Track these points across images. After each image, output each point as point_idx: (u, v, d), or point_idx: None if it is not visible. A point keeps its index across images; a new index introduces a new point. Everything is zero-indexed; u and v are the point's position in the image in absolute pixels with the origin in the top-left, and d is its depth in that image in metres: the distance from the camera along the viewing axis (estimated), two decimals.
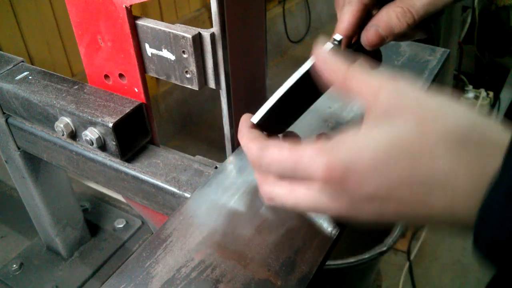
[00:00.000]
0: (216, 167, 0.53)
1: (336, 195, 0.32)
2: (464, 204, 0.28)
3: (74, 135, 0.55)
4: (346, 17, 0.41)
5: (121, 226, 0.94)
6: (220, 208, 0.45)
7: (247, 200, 0.46)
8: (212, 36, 0.45)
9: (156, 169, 0.53)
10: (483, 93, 2.06)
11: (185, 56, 0.47)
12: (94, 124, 0.52)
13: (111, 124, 0.50)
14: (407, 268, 1.64)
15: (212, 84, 0.49)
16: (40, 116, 0.57)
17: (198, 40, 0.45)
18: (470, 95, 2.07)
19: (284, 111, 0.40)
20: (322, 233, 0.42)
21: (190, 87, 0.49)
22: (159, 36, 0.47)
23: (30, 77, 0.60)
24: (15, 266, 0.86)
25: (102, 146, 0.53)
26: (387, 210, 0.31)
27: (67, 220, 0.83)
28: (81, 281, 0.84)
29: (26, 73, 0.60)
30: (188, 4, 2.13)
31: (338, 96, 0.36)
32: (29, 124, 0.61)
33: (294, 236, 0.42)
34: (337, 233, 0.42)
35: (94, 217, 0.96)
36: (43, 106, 0.56)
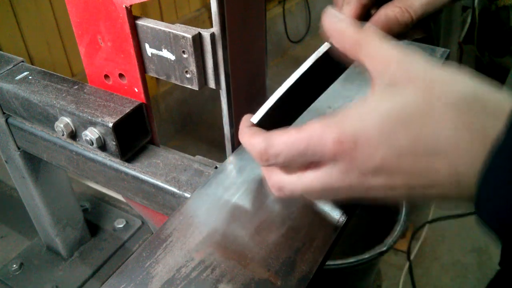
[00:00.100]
0: (216, 167, 0.53)
1: (346, 171, 0.32)
2: (468, 170, 0.29)
3: (74, 135, 0.55)
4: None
5: (121, 226, 0.94)
6: (220, 208, 0.45)
7: (247, 200, 0.46)
8: (212, 36, 0.45)
9: (156, 169, 0.53)
10: None
11: (185, 56, 0.47)
12: (94, 124, 0.52)
13: (111, 124, 0.50)
14: (407, 268, 1.64)
15: (212, 84, 0.49)
16: (40, 116, 0.57)
17: (198, 40, 0.45)
18: None
19: (284, 111, 0.40)
20: (328, 222, 0.42)
21: (190, 87, 0.49)
22: (159, 36, 0.47)
23: (30, 77, 0.60)
24: (15, 266, 0.86)
25: (102, 146, 0.53)
26: (394, 183, 0.31)
27: (67, 220, 0.83)
28: (81, 281, 0.84)
29: (26, 73, 0.60)
30: (188, 4, 2.13)
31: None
32: (29, 124, 0.61)
33: (294, 236, 0.42)
34: (344, 221, 0.42)
35: (94, 217, 0.96)
36: (43, 106, 0.56)
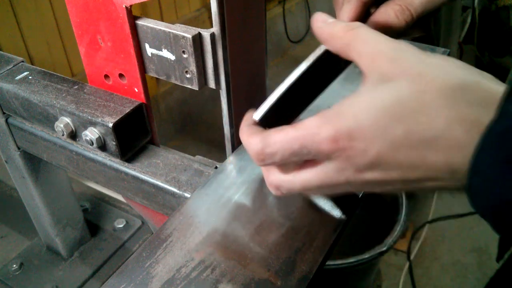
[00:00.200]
0: (216, 167, 0.53)
1: (341, 169, 0.32)
2: (462, 161, 0.29)
3: (74, 135, 0.55)
4: (345, 15, 0.42)
5: (121, 226, 0.94)
6: (220, 208, 0.45)
7: (247, 200, 0.46)
8: (212, 36, 0.45)
9: (156, 169, 0.53)
10: None
11: (185, 56, 0.47)
12: (94, 124, 0.52)
13: (111, 124, 0.50)
14: (407, 268, 1.64)
15: (212, 84, 0.49)
16: (40, 116, 0.57)
17: (198, 40, 0.45)
18: None
19: (286, 107, 0.40)
20: (328, 222, 0.42)
21: (190, 87, 0.49)
22: (159, 36, 0.47)
23: (30, 77, 0.60)
24: (15, 266, 0.86)
25: (102, 146, 0.53)
26: (390, 177, 0.31)
27: (67, 220, 0.83)
28: (81, 281, 0.84)
29: (26, 73, 0.60)
30: (188, 4, 2.13)
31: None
32: (29, 124, 0.61)
33: (294, 236, 0.42)
34: (344, 221, 0.43)
35: (94, 217, 0.96)
36: (43, 106, 0.56)
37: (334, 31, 0.35)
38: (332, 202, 0.44)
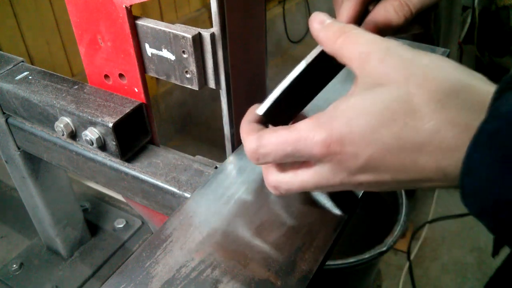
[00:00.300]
0: (216, 167, 0.53)
1: (334, 171, 0.33)
2: (453, 164, 0.29)
3: (74, 135, 0.55)
4: (345, 13, 0.42)
5: (121, 226, 0.94)
6: (220, 208, 0.45)
7: (247, 200, 0.46)
8: (212, 36, 0.45)
9: (156, 169, 0.53)
10: None
11: (185, 56, 0.47)
12: (94, 124, 0.52)
13: (111, 124, 0.50)
14: (407, 268, 1.64)
15: (212, 84, 0.49)
16: (40, 116, 0.57)
17: (198, 40, 0.45)
18: None
19: (290, 102, 0.40)
20: (328, 221, 0.42)
21: (190, 87, 0.49)
22: (159, 36, 0.47)
23: (30, 77, 0.60)
24: (15, 266, 0.86)
25: (102, 146, 0.53)
26: (383, 179, 0.32)
27: (67, 220, 0.83)
28: (81, 281, 0.85)
29: (26, 73, 0.60)
30: (188, 4, 2.14)
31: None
32: (29, 124, 0.61)
33: (294, 236, 0.42)
34: (344, 221, 0.43)
35: (94, 217, 0.96)
36: (43, 106, 0.56)
37: (328, 35, 0.36)
38: (332, 201, 0.44)
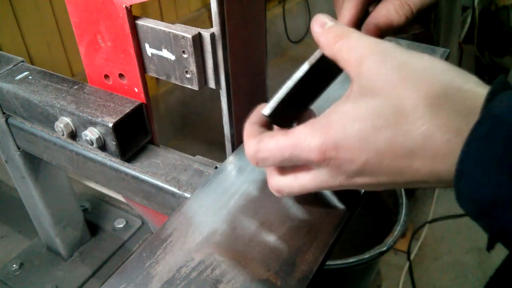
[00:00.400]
0: (216, 167, 0.53)
1: (332, 175, 0.34)
2: (446, 168, 0.29)
3: (74, 135, 0.55)
4: (346, 13, 0.42)
5: (121, 226, 0.94)
6: (220, 208, 0.45)
7: (247, 200, 0.46)
8: (212, 36, 0.45)
9: (156, 169, 0.53)
10: None
11: (185, 56, 0.47)
12: (94, 124, 0.52)
13: (111, 124, 0.50)
14: (407, 268, 1.64)
15: (212, 84, 0.49)
16: (40, 116, 0.57)
17: (198, 40, 0.45)
18: None
19: (295, 102, 0.41)
20: (328, 221, 0.42)
21: (190, 87, 0.49)
22: (159, 36, 0.47)
23: (30, 77, 0.60)
24: (15, 266, 0.86)
25: (102, 146, 0.53)
26: (380, 181, 0.33)
27: (67, 220, 0.83)
28: (81, 281, 0.85)
29: (26, 73, 0.60)
30: (188, 4, 2.13)
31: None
32: (29, 124, 0.61)
33: (294, 236, 0.42)
34: (344, 221, 0.43)
35: (94, 217, 0.96)
36: (43, 106, 0.56)
37: (328, 39, 0.36)
38: (333, 199, 0.45)
